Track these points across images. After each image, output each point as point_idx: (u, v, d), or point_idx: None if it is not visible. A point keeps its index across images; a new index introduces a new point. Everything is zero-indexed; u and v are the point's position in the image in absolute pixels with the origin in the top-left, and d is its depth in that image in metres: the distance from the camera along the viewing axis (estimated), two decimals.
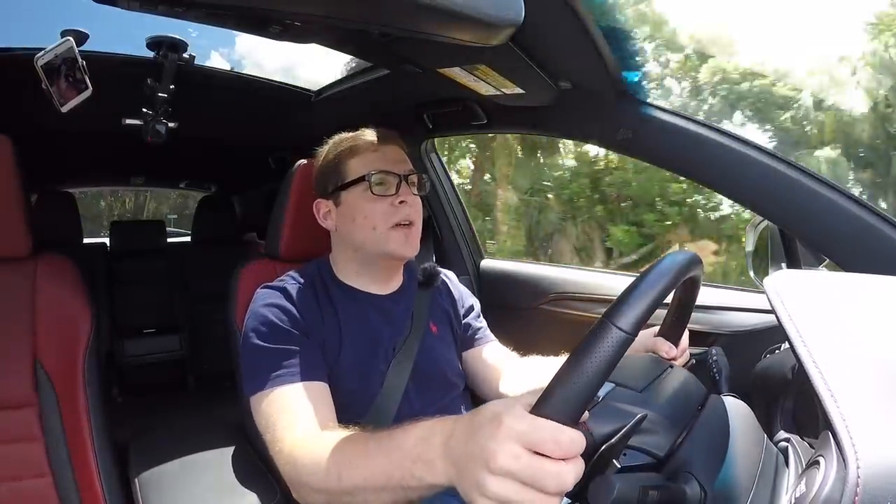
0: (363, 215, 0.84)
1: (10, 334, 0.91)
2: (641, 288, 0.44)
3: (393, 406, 0.82)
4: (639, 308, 0.42)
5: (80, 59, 0.87)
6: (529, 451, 0.40)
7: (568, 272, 1.40)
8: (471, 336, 1.00)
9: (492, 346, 1.01)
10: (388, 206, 0.84)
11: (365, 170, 0.84)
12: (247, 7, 0.55)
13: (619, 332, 0.41)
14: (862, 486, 0.32)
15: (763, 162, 0.81)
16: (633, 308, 0.42)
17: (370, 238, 0.84)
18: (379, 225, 0.83)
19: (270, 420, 0.72)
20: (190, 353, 2.47)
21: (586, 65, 0.86)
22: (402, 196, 0.84)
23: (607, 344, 0.41)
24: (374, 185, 0.83)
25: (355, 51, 0.90)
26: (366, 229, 0.84)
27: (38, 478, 0.89)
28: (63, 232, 2.34)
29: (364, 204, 0.84)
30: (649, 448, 0.47)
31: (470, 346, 1.00)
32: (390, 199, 0.84)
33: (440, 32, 0.57)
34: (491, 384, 0.95)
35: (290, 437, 0.68)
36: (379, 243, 0.84)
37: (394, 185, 0.84)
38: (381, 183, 0.84)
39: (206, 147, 2.23)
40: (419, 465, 0.48)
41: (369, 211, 0.84)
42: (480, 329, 1.02)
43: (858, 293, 0.50)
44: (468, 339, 1.00)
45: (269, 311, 0.80)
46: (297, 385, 0.74)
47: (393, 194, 0.84)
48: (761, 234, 0.93)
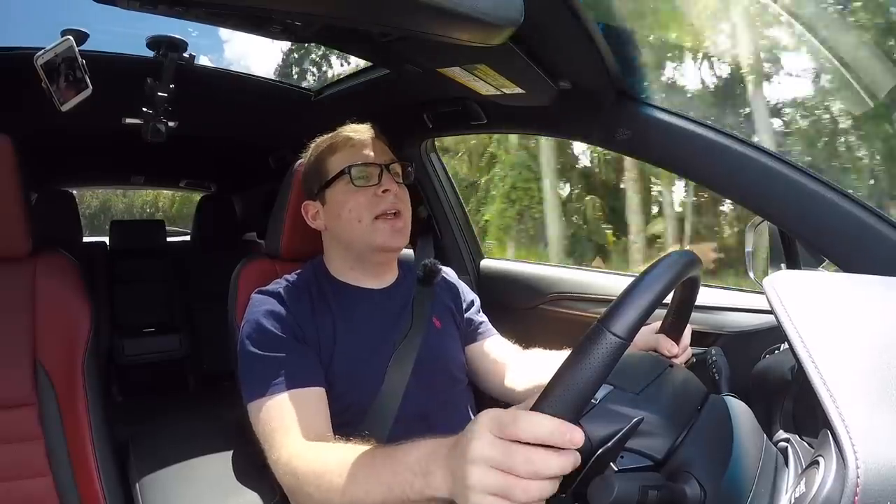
0: (347, 209, 0.84)
1: (10, 334, 0.91)
2: (636, 292, 0.44)
3: (395, 401, 0.82)
4: (634, 313, 0.42)
5: (80, 58, 0.87)
6: (504, 440, 0.41)
7: (568, 272, 1.40)
8: (473, 331, 1.00)
9: (493, 340, 1.01)
10: (372, 197, 0.84)
11: (345, 164, 0.85)
12: (247, 7, 0.55)
13: (614, 337, 0.41)
14: (861, 486, 0.32)
15: (763, 162, 0.81)
16: (628, 313, 0.42)
17: (357, 231, 0.84)
18: (364, 216, 0.83)
19: (268, 429, 0.72)
20: (190, 353, 2.47)
21: (586, 65, 0.85)
22: (384, 185, 0.84)
23: (601, 350, 0.41)
24: (355, 177, 0.83)
25: (355, 51, 0.90)
26: (352, 223, 0.84)
27: (37, 477, 0.89)
28: (63, 231, 2.34)
29: (347, 198, 0.84)
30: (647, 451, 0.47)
31: (472, 340, 1.00)
32: (373, 190, 0.84)
33: (440, 32, 0.57)
34: (494, 379, 0.95)
35: (289, 448, 0.69)
36: (366, 236, 0.84)
37: (375, 176, 0.85)
38: (361, 175, 0.84)
39: (205, 146, 2.23)
40: (420, 478, 0.49)
41: (353, 204, 0.84)
42: (482, 324, 1.02)
43: (858, 293, 0.50)
44: (470, 334, 1.00)
45: (263, 317, 0.80)
46: (292, 393, 0.74)
47: (375, 184, 0.84)
48: (761, 234, 0.93)
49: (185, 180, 3.19)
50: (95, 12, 0.65)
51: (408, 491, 0.50)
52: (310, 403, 0.75)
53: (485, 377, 0.97)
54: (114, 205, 20.33)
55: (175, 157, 2.43)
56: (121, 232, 2.72)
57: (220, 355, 1.10)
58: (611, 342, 0.41)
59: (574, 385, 0.40)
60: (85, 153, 2.24)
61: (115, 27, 1.26)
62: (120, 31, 1.26)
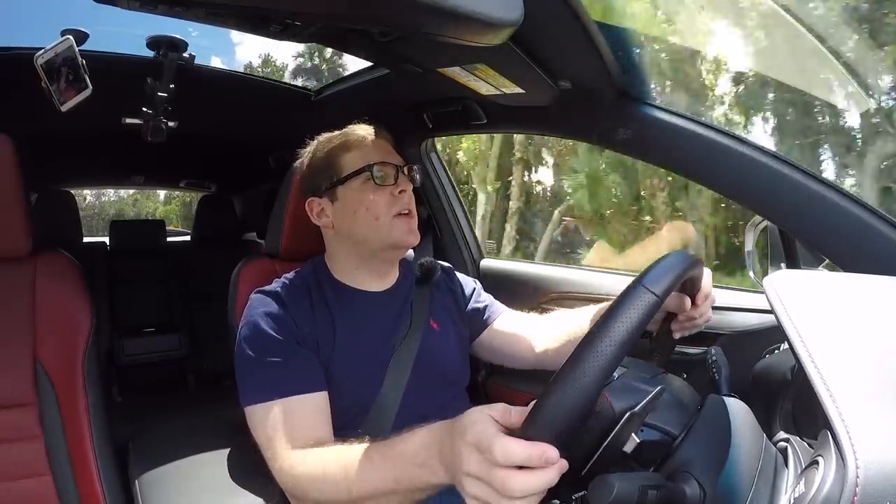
0: (365, 207, 0.84)
1: (11, 334, 0.91)
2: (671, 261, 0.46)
3: (394, 404, 0.82)
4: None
5: (80, 58, 0.87)
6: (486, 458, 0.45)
7: (568, 272, 1.40)
8: (480, 318, 1.00)
9: (506, 316, 1.00)
10: (390, 196, 0.85)
11: (363, 162, 0.85)
12: (247, 7, 0.55)
13: (650, 294, 0.44)
14: (861, 486, 0.32)
15: (763, 162, 0.81)
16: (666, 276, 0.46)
17: (374, 229, 0.84)
18: (382, 215, 0.84)
19: (267, 435, 0.72)
20: (189, 353, 2.47)
21: (586, 65, 0.85)
22: (401, 185, 0.85)
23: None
24: (376, 176, 0.84)
25: (355, 51, 0.90)
26: (369, 220, 0.84)
27: (37, 477, 0.89)
28: (63, 231, 2.34)
29: (365, 195, 0.84)
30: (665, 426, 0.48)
31: (484, 326, 0.99)
32: (390, 189, 0.85)
33: (440, 32, 0.57)
34: (524, 351, 0.94)
35: (290, 453, 0.69)
36: (383, 233, 0.85)
37: (392, 176, 0.85)
38: (381, 174, 0.85)
39: (205, 146, 2.23)
40: (424, 469, 0.53)
41: (371, 202, 0.84)
42: (487, 307, 1.01)
43: (858, 293, 0.50)
44: (479, 322, 0.99)
45: (262, 319, 0.80)
46: (291, 400, 0.74)
47: (392, 184, 0.85)
48: (761, 233, 0.93)
49: (185, 180, 3.19)
50: (95, 12, 0.65)
51: (414, 481, 0.54)
52: (309, 410, 0.74)
53: (512, 353, 0.96)
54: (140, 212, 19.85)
55: (175, 157, 2.43)
56: (121, 232, 2.72)
57: (219, 355, 1.10)
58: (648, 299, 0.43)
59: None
60: (85, 153, 2.24)
61: (115, 27, 1.25)
62: (120, 31, 1.26)
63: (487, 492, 0.44)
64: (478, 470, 0.45)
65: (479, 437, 0.46)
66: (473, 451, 0.46)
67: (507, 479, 0.43)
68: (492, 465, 0.44)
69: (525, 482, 0.43)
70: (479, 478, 0.45)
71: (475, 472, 0.45)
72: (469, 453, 0.46)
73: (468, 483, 0.46)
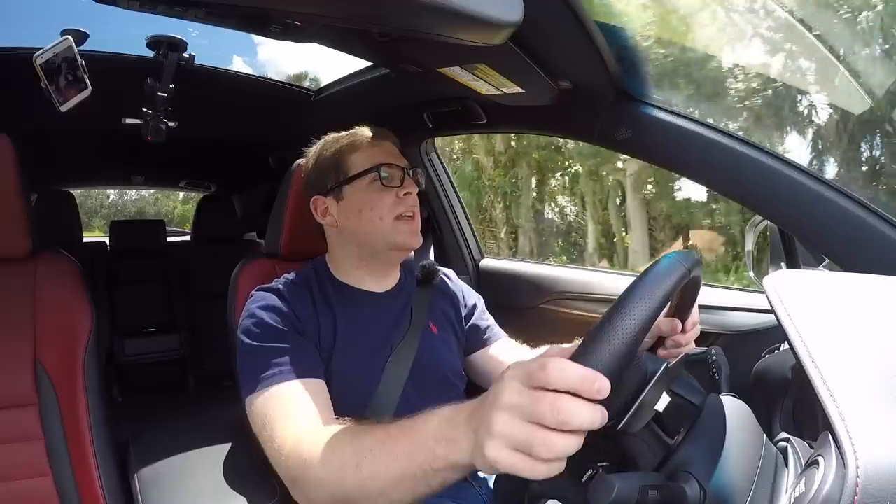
0: (370, 207, 0.85)
1: (11, 334, 0.91)
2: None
3: (391, 406, 0.82)
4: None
5: (79, 58, 0.87)
6: (532, 388, 0.40)
7: (568, 271, 1.40)
8: (479, 336, 1.00)
9: (502, 343, 1.00)
10: (394, 198, 0.85)
11: (371, 163, 0.86)
12: (247, 7, 0.55)
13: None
14: (861, 486, 0.32)
15: (763, 162, 0.81)
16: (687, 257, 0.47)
17: (377, 229, 0.85)
18: (385, 215, 0.84)
19: (267, 418, 0.69)
20: (190, 353, 2.47)
21: (586, 65, 0.86)
22: (406, 188, 0.86)
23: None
24: (384, 176, 0.85)
25: (355, 51, 0.90)
26: (373, 220, 0.85)
27: (38, 477, 0.89)
28: (63, 231, 2.34)
29: (371, 196, 0.85)
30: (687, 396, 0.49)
31: (480, 346, 0.99)
32: (395, 191, 0.85)
33: (440, 32, 0.57)
34: None
35: (293, 432, 0.66)
36: (386, 234, 0.85)
37: (398, 178, 0.86)
38: (389, 175, 0.85)
39: (206, 146, 2.23)
40: (443, 443, 0.48)
41: (376, 202, 0.84)
42: (489, 328, 1.01)
43: (858, 293, 0.50)
44: (477, 341, 0.99)
45: (261, 311, 0.79)
46: (294, 382, 0.72)
47: (398, 186, 0.86)
48: (761, 233, 0.93)
49: (185, 180, 3.20)
50: (95, 12, 0.65)
51: (430, 459, 0.49)
52: (312, 393, 0.72)
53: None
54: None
55: (175, 157, 2.43)
56: (121, 232, 2.72)
57: (220, 355, 1.10)
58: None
59: (613, 340, 0.41)
60: (85, 153, 2.24)
61: (115, 27, 1.26)
62: (120, 31, 1.26)
63: (528, 431, 0.40)
64: (518, 400, 0.41)
65: (524, 366, 0.42)
66: (513, 382, 0.42)
67: (556, 401, 0.39)
68: (536, 391, 0.40)
69: (575, 410, 0.39)
70: (519, 409, 0.40)
71: (515, 402, 0.41)
72: (508, 386, 0.42)
73: (501, 420, 0.41)
